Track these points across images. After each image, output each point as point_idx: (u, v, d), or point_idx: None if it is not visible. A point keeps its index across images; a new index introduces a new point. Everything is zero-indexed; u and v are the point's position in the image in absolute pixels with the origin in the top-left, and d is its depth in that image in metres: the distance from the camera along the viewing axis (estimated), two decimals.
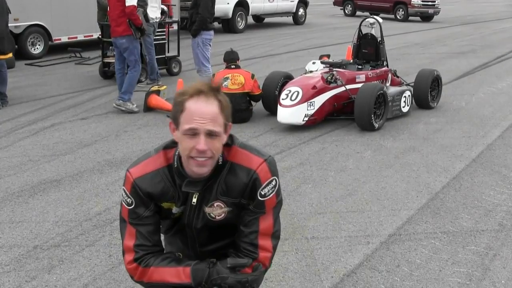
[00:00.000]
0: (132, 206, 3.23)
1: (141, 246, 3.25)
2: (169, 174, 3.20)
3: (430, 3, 34.95)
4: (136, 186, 3.20)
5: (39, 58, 17.71)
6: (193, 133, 2.96)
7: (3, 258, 5.59)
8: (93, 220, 6.43)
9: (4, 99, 11.52)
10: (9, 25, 11.82)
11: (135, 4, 10.94)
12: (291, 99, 9.78)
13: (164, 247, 3.48)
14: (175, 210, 3.27)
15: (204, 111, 2.95)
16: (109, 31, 11.92)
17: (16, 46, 16.97)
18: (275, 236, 3.30)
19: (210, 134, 2.97)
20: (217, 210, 3.23)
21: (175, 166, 3.16)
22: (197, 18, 11.72)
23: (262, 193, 3.17)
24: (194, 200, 3.21)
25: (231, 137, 3.23)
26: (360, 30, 11.89)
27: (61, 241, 5.94)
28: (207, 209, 3.22)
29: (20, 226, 6.30)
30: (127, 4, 10.81)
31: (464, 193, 7.34)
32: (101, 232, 6.12)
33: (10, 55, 11.78)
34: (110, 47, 13.62)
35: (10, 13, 11.91)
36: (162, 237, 3.52)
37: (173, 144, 3.19)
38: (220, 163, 3.15)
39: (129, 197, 3.22)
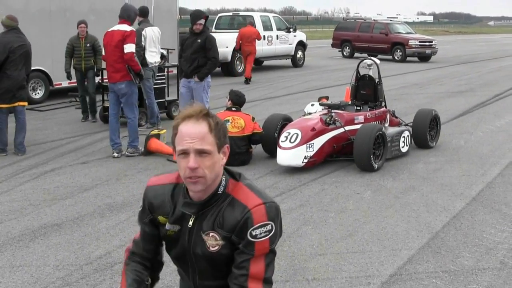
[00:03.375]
0: (141, 209, 3.47)
1: (137, 245, 3.54)
2: (171, 191, 3.35)
3: (427, 43, 35.33)
4: (146, 192, 3.44)
5: (40, 102, 17.84)
6: (184, 153, 3.10)
7: None
8: (94, 264, 6.42)
9: (21, 148, 11.53)
10: None
11: (134, 51, 11.06)
12: (290, 141, 9.82)
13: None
14: (168, 226, 3.36)
15: (192, 132, 3.10)
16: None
17: None
18: (267, 281, 3.27)
19: (200, 153, 3.08)
20: (212, 241, 3.26)
21: (184, 186, 3.28)
22: (210, 62, 11.89)
23: (253, 233, 3.17)
24: (191, 223, 3.29)
25: (240, 174, 3.34)
26: (358, 72, 11.96)
27: (61, 285, 5.92)
28: (204, 237, 3.27)
29: (21, 270, 6.29)
30: (126, 51, 10.91)
31: (465, 231, 7.33)
32: (101, 276, 6.10)
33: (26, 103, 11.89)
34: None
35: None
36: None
37: None
38: (220, 192, 3.23)
39: (142, 200, 3.46)
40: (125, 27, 11.14)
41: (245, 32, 24.46)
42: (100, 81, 15.00)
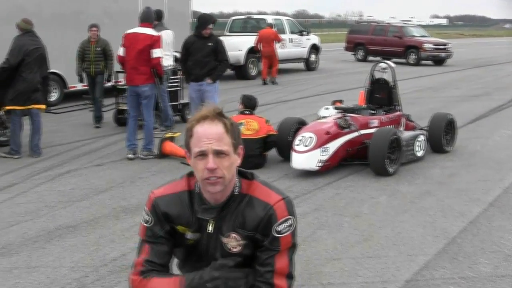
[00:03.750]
0: (150, 224, 3.34)
1: (150, 262, 3.34)
2: (188, 199, 3.31)
3: (442, 46, 35.19)
4: (155, 204, 3.33)
5: (55, 105, 17.83)
6: (202, 154, 3.09)
7: None
8: (109, 265, 6.41)
9: (36, 151, 11.55)
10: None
11: (162, 56, 11.27)
12: (304, 145, 9.79)
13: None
14: (189, 235, 3.33)
15: (209, 133, 3.09)
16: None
17: None
18: (290, 276, 3.34)
19: (218, 153, 3.09)
20: (233, 242, 3.26)
21: (197, 192, 3.25)
22: (222, 64, 12.05)
23: (278, 229, 3.21)
24: (210, 228, 3.27)
25: (252, 173, 3.35)
26: (372, 75, 11.91)
27: (77, 286, 5.91)
28: (224, 239, 3.26)
29: (37, 271, 6.28)
30: (155, 56, 11.02)
31: (482, 237, 7.25)
32: (117, 278, 6.09)
33: (44, 106, 11.88)
34: (123, 95, 13.72)
35: (49, 69, 12.09)
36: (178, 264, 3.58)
37: None
38: (237, 193, 3.22)
39: (148, 215, 3.35)
40: (151, 31, 11.24)
41: (264, 34, 24.91)
42: (114, 83, 14.98)
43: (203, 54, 11.76)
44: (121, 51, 11.32)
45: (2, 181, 9.82)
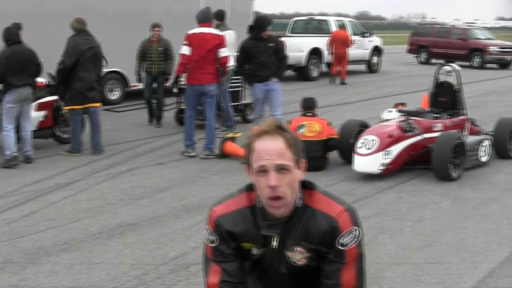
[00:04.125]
0: (215, 243, 3.28)
1: (227, 283, 3.27)
2: (251, 214, 3.25)
3: (508, 49, 34.58)
4: (218, 224, 3.26)
5: (116, 103, 18.11)
6: (263, 170, 3.04)
7: None
8: (169, 264, 6.44)
9: (98, 148, 11.74)
10: None
11: (229, 55, 11.48)
12: (367, 148, 9.71)
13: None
14: (255, 251, 3.28)
15: (270, 148, 3.04)
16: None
17: None
18: None
19: (280, 169, 3.02)
20: (298, 256, 3.22)
21: (259, 207, 3.20)
22: (283, 61, 12.14)
23: (342, 242, 3.14)
24: (275, 243, 3.22)
25: (311, 182, 3.27)
26: (436, 78, 11.76)
27: (137, 284, 5.96)
28: (288, 254, 3.21)
29: (98, 267, 6.36)
30: (223, 55, 11.23)
31: None
32: (177, 277, 6.11)
33: (100, 104, 12.06)
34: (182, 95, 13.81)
35: (107, 63, 12.19)
36: None
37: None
38: (300, 205, 3.16)
39: (212, 235, 3.29)
40: (216, 31, 11.53)
41: (337, 35, 25.36)
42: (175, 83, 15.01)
43: (267, 55, 11.76)
44: (186, 50, 11.25)
45: (64, 178, 9.97)
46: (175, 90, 13.03)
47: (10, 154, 10.60)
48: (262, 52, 11.74)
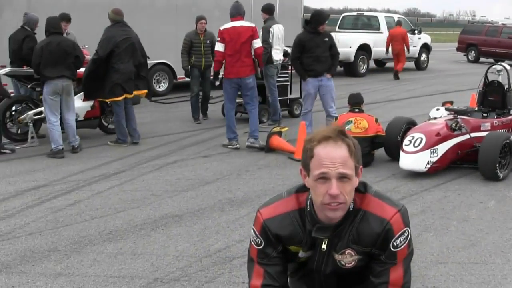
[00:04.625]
0: (261, 246, 3.27)
1: (268, 286, 3.27)
2: (299, 218, 3.21)
3: None
4: (265, 227, 3.24)
5: (164, 95, 18.27)
6: (324, 177, 2.97)
7: None
8: (213, 257, 6.48)
9: (134, 134, 11.87)
10: None
11: (262, 45, 11.59)
12: (414, 146, 9.65)
13: None
14: (301, 254, 3.27)
15: (333, 156, 2.97)
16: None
17: None
18: (405, 287, 3.23)
19: (342, 178, 2.97)
20: (348, 258, 3.20)
21: (308, 210, 3.15)
22: (336, 57, 12.19)
23: (395, 244, 3.13)
24: (324, 246, 3.19)
25: (364, 184, 3.24)
26: (486, 77, 11.63)
27: (181, 275, 6.01)
28: (337, 256, 3.20)
29: (142, 258, 6.42)
30: (257, 46, 11.42)
31: None
32: (220, 269, 6.15)
33: (144, 91, 12.19)
34: None
35: (148, 58, 12.26)
36: (288, 279, 3.51)
37: (305, 188, 3.18)
38: (351, 209, 3.12)
39: (258, 237, 3.27)
40: (248, 23, 11.61)
41: (394, 32, 25.68)
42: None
43: (322, 50, 11.80)
44: (220, 47, 11.46)
45: (110, 168, 10.08)
46: (217, 83, 13.05)
47: (56, 147, 10.73)
48: (318, 46, 11.76)
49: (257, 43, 11.53)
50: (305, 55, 11.82)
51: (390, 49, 25.86)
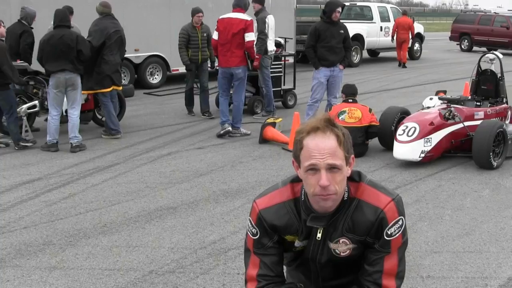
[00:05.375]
0: (257, 236, 3.28)
1: (264, 276, 3.28)
2: (295, 207, 3.22)
3: None
4: (261, 217, 3.25)
5: (157, 87, 18.25)
6: (313, 168, 2.98)
7: (120, 281, 5.71)
8: (207, 248, 6.49)
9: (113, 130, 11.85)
10: (129, 55, 12.09)
11: (254, 40, 11.82)
12: (407, 135, 9.66)
13: (285, 278, 3.47)
14: (297, 243, 3.28)
15: (321, 147, 2.97)
16: None
17: (136, 76, 17.51)
18: (399, 276, 3.25)
19: (331, 168, 2.97)
20: (342, 247, 3.21)
21: (302, 200, 3.17)
22: (350, 50, 12.71)
23: (389, 232, 3.14)
24: (319, 235, 3.20)
25: (359, 173, 3.24)
26: (479, 66, 11.64)
27: (176, 267, 6.02)
28: (332, 245, 3.21)
29: (137, 250, 6.43)
30: (248, 39, 11.56)
31: None
32: (215, 261, 6.16)
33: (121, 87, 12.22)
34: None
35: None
36: (285, 268, 3.52)
37: (300, 178, 3.18)
38: (346, 198, 3.14)
39: (254, 228, 3.28)
40: (245, 16, 11.66)
41: (400, 21, 26.37)
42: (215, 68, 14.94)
43: (337, 41, 11.95)
44: (216, 35, 11.87)
45: (104, 161, 10.07)
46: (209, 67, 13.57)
47: (51, 141, 10.71)
48: (333, 37, 11.90)
49: (249, 36, 11.61)
50: (319, 45, 11.93)
51: (395, 37, 26.56)
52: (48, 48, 10.61)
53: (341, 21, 12.35)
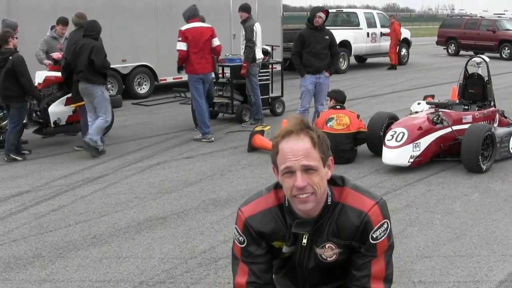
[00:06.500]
0: (244, 244, 3.28)
1: (253, 284, 3.28)
2: (280, 213, 3.24)
3: None
4: (248, 224, 3.26)
5: (145, 97, 18.21)
6: (289, 171, 3.01)
7: None
8: (198, 258, 6.46)
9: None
10: (116, 66, 12.09)
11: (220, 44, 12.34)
12: (396, 140, 9.67)
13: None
14: (285, 249, 3.29)
15: (296, 149, 3.00)
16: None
17: (124, 86, 17.49)
18: (388, 279, 3.27)
19: (307, 170, 2.99)
20: (328, 252, 3.21)
21: (286, 205, 3.18)
22: (336, 57, 12.66)
23: (374, 236, 3.15)
24: (304, 241, 3.21)
25: (342, 178, 3.25)
26: (466, 70, 11.66)
27: (166, 277, 5.99)
28: (318, 250, 3.21)
29: (127, 261, 6.40)
30: (217, 44, 12.15)
31: None
32: (206, 270, 6.13)
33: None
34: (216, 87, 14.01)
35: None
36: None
37: None
38: (330, 203, 3.15)
39: (241, 236, 3.28)
40: (206, 24, 12.30)
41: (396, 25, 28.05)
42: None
43: (322, 47, 11.99)
44: (183, 46, 11.94)
45: (93, 172, 10.03)
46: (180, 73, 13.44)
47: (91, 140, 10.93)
48: (318, 42, 11.95)
49: (216, 41, 12.19)
50: (304, 51, 12.01)
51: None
52: (73, 58, 10.92)
53: (327, 27, 12.39)
